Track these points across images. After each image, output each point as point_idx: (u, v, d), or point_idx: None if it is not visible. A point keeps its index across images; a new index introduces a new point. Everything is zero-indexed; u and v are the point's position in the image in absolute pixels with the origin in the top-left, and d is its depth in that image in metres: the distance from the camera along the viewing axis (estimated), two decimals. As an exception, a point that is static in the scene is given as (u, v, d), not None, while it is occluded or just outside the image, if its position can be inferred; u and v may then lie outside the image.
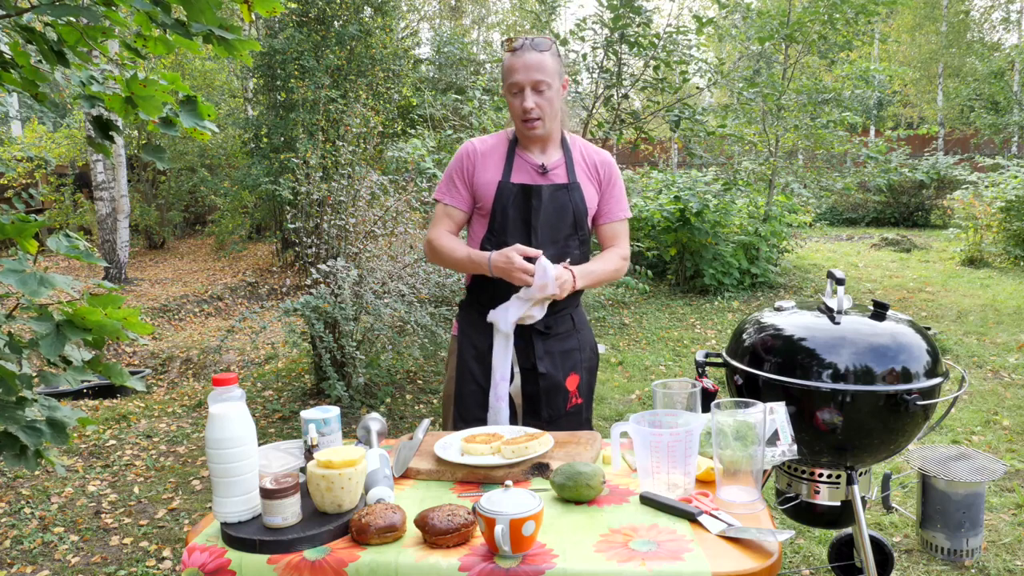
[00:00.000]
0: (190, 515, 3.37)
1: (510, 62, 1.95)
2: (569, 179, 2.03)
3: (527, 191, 1.99)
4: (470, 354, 2.07)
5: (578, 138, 2.14)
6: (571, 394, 2.08)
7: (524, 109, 1.94)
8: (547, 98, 1.94)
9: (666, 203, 8.26)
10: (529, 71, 1.92)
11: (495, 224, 2.01)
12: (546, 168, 2.03)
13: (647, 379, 5.16)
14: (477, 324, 2.05)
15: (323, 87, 8.90)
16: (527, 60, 1.92)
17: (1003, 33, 21.29)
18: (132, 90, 1.93)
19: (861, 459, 1.83)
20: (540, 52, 1.93)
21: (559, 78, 1.98)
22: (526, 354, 2.03)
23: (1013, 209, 9.11)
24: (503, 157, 2.04)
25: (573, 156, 2.08)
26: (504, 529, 1.20)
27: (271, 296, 8.78)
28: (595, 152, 2.13)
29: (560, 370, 2.05)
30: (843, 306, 1.87)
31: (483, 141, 2.09)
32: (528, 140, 2.03)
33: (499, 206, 1.99)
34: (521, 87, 1.94)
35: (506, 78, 1.98)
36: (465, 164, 2.05)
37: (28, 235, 1.66)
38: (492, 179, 2.01)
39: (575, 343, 2.09)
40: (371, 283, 4.39)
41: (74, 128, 12.26)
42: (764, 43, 8.18)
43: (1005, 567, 2.66)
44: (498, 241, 1.99)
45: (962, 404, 4.37)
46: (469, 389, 2.06)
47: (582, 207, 2.03)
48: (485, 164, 2.04)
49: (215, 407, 1.33)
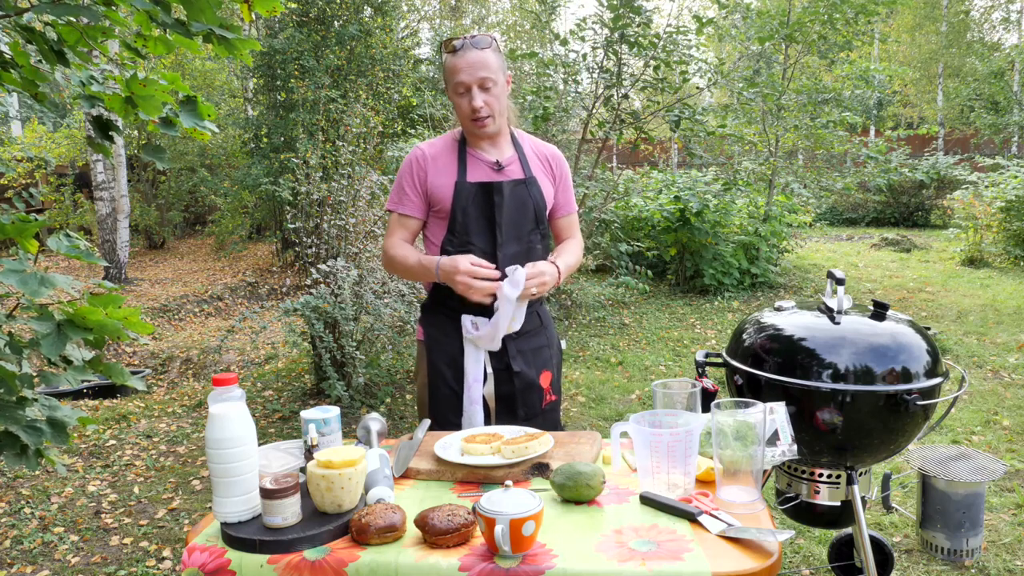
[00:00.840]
0: (190, 515, 3.37)
1: (452, 62, 1.93)
2: (525, 174, 2.03)
3: (487, 188, 1.97)
4: (440, 359, 2.03)
5: (525, 134, 2.14)
6: (545, 391, 2.07)
7: (473, 108, 1.91)
8: (494, 95, 1.93)
9: (666, 203, 8.26)
10: (473, 69, 1.90)
11: (456, 225, 1.97)
12: (501, 164, 2.01)
13: (647, 379, 5.16)
14: (444, 327, 2.02)
15: (323, 87, 8.90)
16: (470, 59, 1.90)
17: (1003, 33, 21.29)
18: (132, 90, 1.93)
19: (861, 459, 1.83)
20: (481, 50, 1.91)
21: (503, 74, 1.96)
22: (498, 355, 2.01)
23: (1013, 209, 9.11)
24: (454, 157, 2.02)
25: (525, 151, 2.07)
26: (504, 529, 1.20)
27: (271, 296, 8.78)
28: (544, 146, 2.12)
29: (533, 368, 2.04)
30: (843, 306, 1.87)
31: (431, 144, 2.06)
32: (477, 138, 2.01)
33: (459, 206, 1.96)
34: (467, 86, 1.91)
35: (450, 79, 1.95)
36: (415, 170, 2.02)
37: (28, 235, 1.66)
38: (447, 181, 1.98)
39: (544, 340, 2.09)
40: (371, 283, 4.39)
41: (74, 128, 12.26)
42: (764, 43, 8.18)
43: (1005, 567, 2.66)
44: (460, 241, 1.97)
45: (962, 404, 4.37)
46: (442, 394, 2.02)
47: (541, 202, 2.03)
48: (437, 167, 2.01)
49: (215, 407, 1.33)
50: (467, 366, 1.98)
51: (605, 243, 7.79)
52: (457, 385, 2.01)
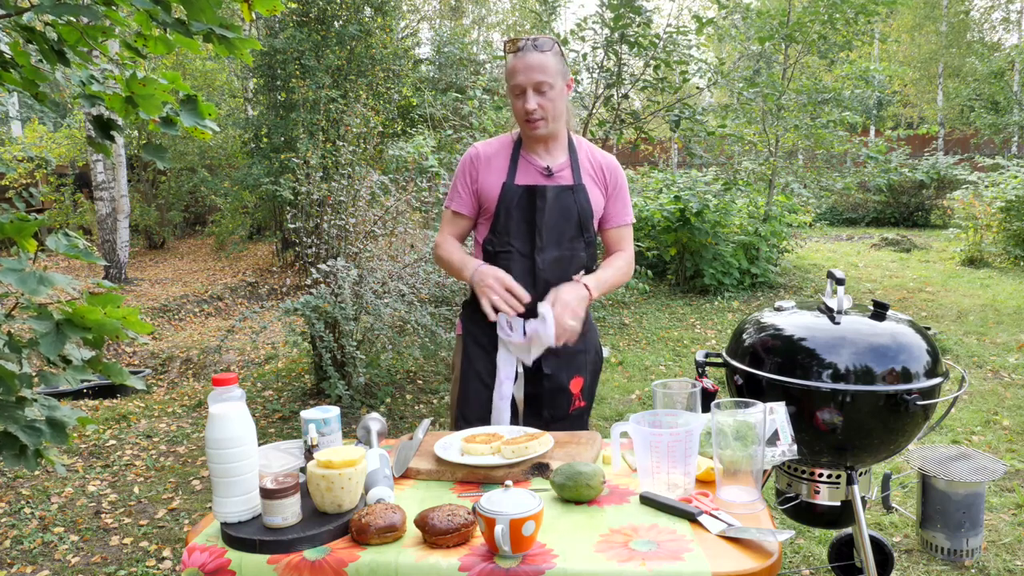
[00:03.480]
0: (190, 515, 3.36)
1: (512, 63, 1.95)
2: (575, 181, 2.02)
3: (531, 192, 1.98)
4: (475, 353, 2.06)
5: (584, 141, 2.13)
6: (575, 397, 2.07)
7: (526, 110, 1.92)
8: (550, 98, 1.93)
9: (666, 203, 8.26)
10: (531, 72, 1.91)
11: (498, 225, 2.00)
12: (551, 170, 2.01)
13: (647, 379, 5.16)
14: (483, 324, 2.03)
15: (323, 87, 8.90)
16: (529, 61, 1.91)
17: (1003, 33, 21.30)
18: (132, 89, 1.93)
19: (861, 459, 1.83)
20: (542, 52, 1.92)
21: (562, 78, 1.96)
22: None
23: (1013, 209, 9.11)
24: (508, 159, 2.04)
25: (579, 158, 2.06)
26: (504, 529, 1.19)
27: (271, 296, 8.78)
28: (601, 155, 2.11)
29: (565, 372, 2.04)
30: (843, 306, 1.87)
31: (488, 144, 2.09)
32: (532, 141, 2.02)
33: (503, 208, 1.98)
34: (523, 88, 1.92)
35: (508, 79, 1.97)
36: (468, 169, 2.05)
37: (27, 234, 1.66)
38: (496, 181, 2.01)
39: (581, 345, 2.06)
40: (371, 283, 4.39)
41: (74, 128, 12.26)
42: (764, 43, 8.18)
43: (1005, 567, 2.66)
44: (500, 242, 1.99)
45: (962, 404, 4.37)
46: (473, 388, 2.05)
47: (587, 209, 2.01)
48: (489, 167, 2.03)
49: (215, 407, 1.33)
50: (499, 362, 2.00)
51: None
52: (490, 380, 2.02)
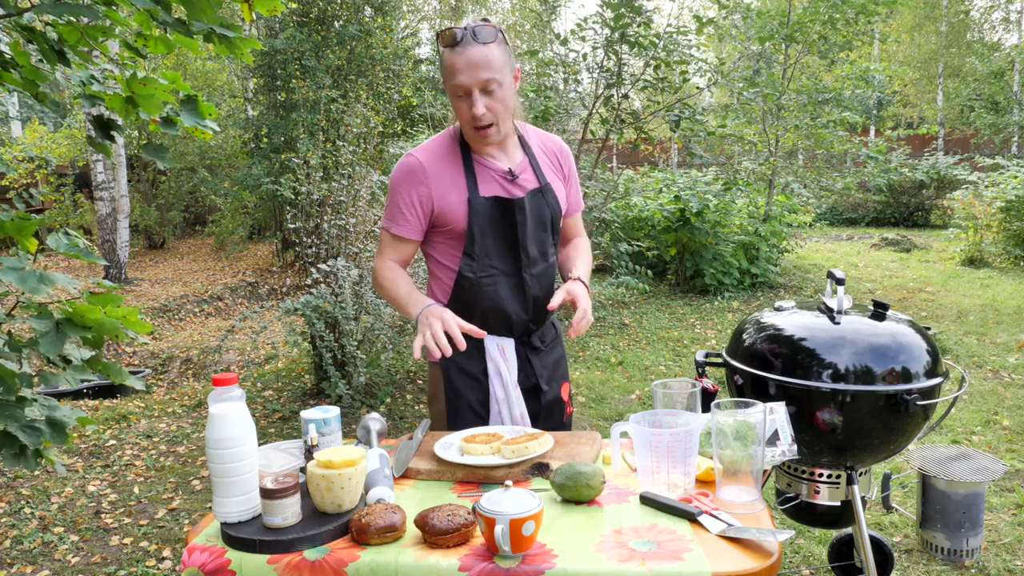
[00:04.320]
0: (190, 515, 3.36)
1: (451, 60, 1.66)
2: (540, 182, 1.82)
3: (504, 205, 1.76)
4: (462, 383, 1.85)
5: (528, 126, 1.91)
6: (566, 404, 1.99)
7: (474, 116, 1.67)
8: (499, 98, 1.68)
9: (666, 203, 8.26)
10: (475, 70, 1.64)
11: (474, 248, 1.76)
12: (514, 173, 1.79)
13: (647, 379, 5.16)
14: (466, 348, 1.75)
15: (324, 87, 8.91)
16: (470, 57, 1.64)
17: (1003, 33, 21.31)
18: (132, 89, 1.93)
19: (861, 459, 1.83)
20: (485, 45, 1.65)
21: (510, 71, 1.70)
22: (526, 373, 1.87)
23: (1013, 209, 9.11)
24: (459, 167, 1.77)
25: (534, 151, 1.86)
26: (504, 529, 1.19)
27: (271, 296, 8.78)
28: (549, 139, 1.92)
29: (555, 382, 1.94)
30: (843, 306, 1.87)
31: (425, 151, 1.78)
32: (481, 146, 1.78)
33: (476, 227, 1.74)
34: (467, 89, 1.66)
35: (448, 78, 1.68)
36: (412, 183, 1.76)
37: (28, 233, 1.66)
38: (457, 198, 1.74)
39: (560, 350, 1.99)
40: (371, 283, 4.39)
41: (74, 128, 12.27)
42: (764, 43, 8.18)
43: (1005, 567, 2.66)
44: (481, 266, 1.77)
45: (962, 404, 4.37)
46: (465, 420, 1.84)
47: (558, 209, 1.85)
48: (440, 180, 1.75)
49: (215, 407, 1.33)
50: (494, 390, 1.83)
51: (605, 243, 7.79)
52: (482, 409, 1.84)
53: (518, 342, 1.87)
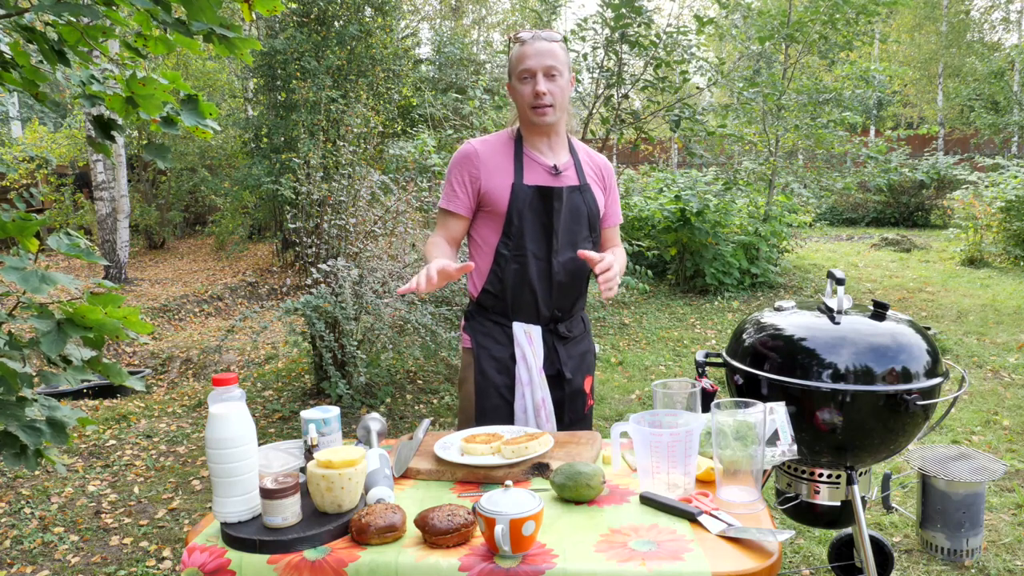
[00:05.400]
0: (190, 515, 3.36)
1: (520, 50, 1.91)
2: (580, 181, 2.00)
3: (544, 193, 1.93)
4: (491, 367, 1.99)
5: (578, 142, 2.12)
6: (588, 396, 2.08)
7: (536, 92, 1.88)
8: (559, 85, 1.90)
9: (666, 203, 8.26)
10: (542, 57, 1.88)
11: (511, 229, 1.93)
12: (558, 168, 1.98)
13: (647, 379, 5.16)
14: (494, 334, 2.00)
15: (324, 87, 8.91)
16: (539, 47, 1.89)
17: (1003, 33, 21.32)
18: (132, 89, 1.93)
19: (861, 459, 1.83)
20: (551, 41, 1.91)
21: (568, 71, 1.94)
22: (550, 361, 1.99)
23: (1013, 209, 9.11)
24: (510, 157, 1.97)
25: (580, 158, 2.05)
26: (504, 529, 1.20)
27: (271, 296, 8.78)
28: (596, 156, 2.12)
29: (579, 374, 2.05)
30: (843, 306, 1.87)
31: (483, 142, 2.01)
32: (535, 137, 1.97)
33: (515, 210, 1.92)
34: (533, 72, 1.89)
35: (516, 66, 1.92)
36: (466, 167, 1.96)
37: (29, 233, 1.66)
38: (503, 182, 1.94)
39: (587, 345, 2.10)
40: (371, 282, 4.39)
41: (74, 128, 12.27)
42: (764, 43, 8.18)
43: (1005, 567, 2.66)
44: (516, 246, 1.94)
45: (962, 404, 4.37)
46: (492, 403, 1.98)
47: (595, 209, 2.00)
48: (491, 166, 1.96)
49: (215, 407, 1.33)
50: (520, 374, 1.95)
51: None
52: (509, 394, 1.97)
53: (545, 330, 2.00)
